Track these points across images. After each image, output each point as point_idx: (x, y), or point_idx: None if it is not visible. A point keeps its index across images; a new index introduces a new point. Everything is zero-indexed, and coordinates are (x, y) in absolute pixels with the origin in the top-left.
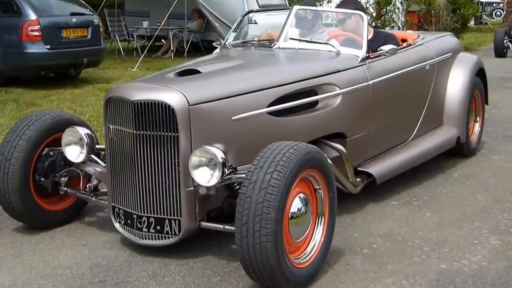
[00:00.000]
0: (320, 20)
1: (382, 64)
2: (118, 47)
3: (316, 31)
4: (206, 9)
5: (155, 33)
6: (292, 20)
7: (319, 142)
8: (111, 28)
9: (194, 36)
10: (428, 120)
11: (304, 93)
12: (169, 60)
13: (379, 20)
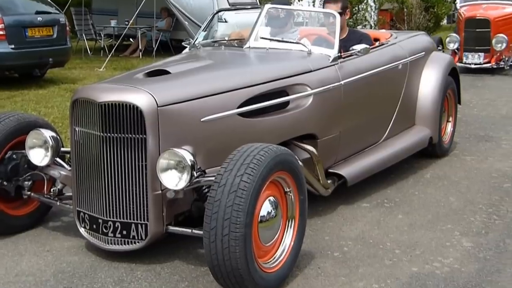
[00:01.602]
0: (292, 19)
1: (354, 64)
2: (85, 46)
3: (288, 30)
4: (175, 7)
5: (123, 32)
6: (263, 19)
7: (290, 143)
8: (78, 27)
9: (163, 35)
10: (401, 120)
11: (275, 93)
12: (137, 60)
13: (351, 18)
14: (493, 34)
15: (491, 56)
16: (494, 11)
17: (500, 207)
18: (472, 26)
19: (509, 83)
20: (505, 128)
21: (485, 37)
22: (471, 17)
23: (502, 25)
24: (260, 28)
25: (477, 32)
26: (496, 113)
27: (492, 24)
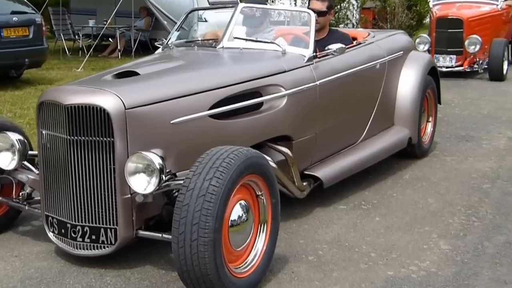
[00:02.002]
0: (268, 19)
1: (330, 64)
2: (63, 46)
3: (264, 29)
4: (154, 6)
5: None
6: (238, 18)
7: (265, 145)
8: (56, 27)
9: (142, 35)
10: (379, 121)
11: (248, 94)
12: (115, 60)
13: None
14: (466, 35)
15: (464, 59)
16: (467, 10)
17: (479, 209)
18: (444, 26)
19: (492, 82)
20: (486, 128)
21: (457, 38)
22: (442, 17)
23: (476, 25)
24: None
25: (449, 33)
26: (478, 112)
27: (465, 25)
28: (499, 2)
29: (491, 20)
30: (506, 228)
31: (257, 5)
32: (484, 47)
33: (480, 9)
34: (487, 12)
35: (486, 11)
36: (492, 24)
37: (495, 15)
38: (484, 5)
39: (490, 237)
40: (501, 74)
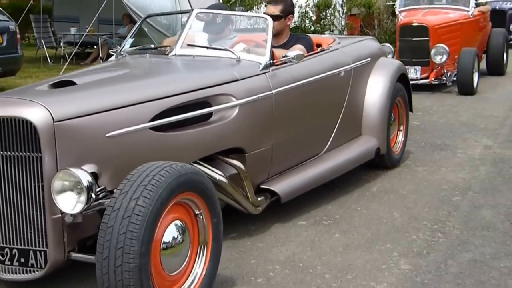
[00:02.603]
0: (230, 25)
1: (288, 72)
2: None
3: (226, 36)
4: (136, 14)
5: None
6: (198, 24)
7: (216, 158)
8: (37, 34)
9: None
10: (344, 131)
11: (195, 105)
12: None
13: (318, 24)
14: (432, 44)
15: (430, 70)
16: (434, 17)
17: (446, 223)
18: (408, 35)
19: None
20: (463, 136)
21: (423, 48)
22: (406, 24)
23: (443, 33)
24: (197, 35)
25: (413, 42)
26: (456, 120)
27: (431, 32)
28: (470, 8)
29: (461, 28)
30: (473, 244)
31: (212, 10)
32: (453, 57)
33: (449, 16)
34: (456, 19)
35: (455, 18)
36: (462, 32)
37: (465, 23)
38: (454, 11)
39: (454, 254)
40: (470, 87)
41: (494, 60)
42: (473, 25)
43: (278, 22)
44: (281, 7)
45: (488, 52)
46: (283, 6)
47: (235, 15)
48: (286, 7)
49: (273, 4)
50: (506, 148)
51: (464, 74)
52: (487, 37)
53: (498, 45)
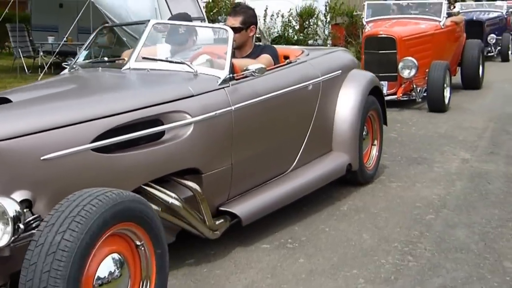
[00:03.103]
0: (194, 36)
1: (250, 86)
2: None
3: (190, 47)
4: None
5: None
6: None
7: (169, 180)
8: (14, 43)
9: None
10: (313, 147)
11: (145, 123)
12: None
13: (302, 33)
14: (399, 57)
15: (399, 85)
16: (402, 28)
17: (417, 245)
18: (374, 47)
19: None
20: (441, 149)
21: (390, 61)
22: (372, 35)
23: (412, 45)
24: (159, 46)
25: (380, 55)
26: (435, 131)
27: (399, 44)
28: (442, 18)
29: (431, 40)
30: (444, 268)
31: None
32: (423, 71)
33: (419, 27)
34: (427, 30)
35: (425, 29)
36: (433, 44)
37: (436, 34)
38: (424, 21)
39: (424, 280)
40: (441, 104)
41: (469, 74)
42: (445, 36)
43: (239, 34)
44: (241, 18)
45: (463, 65)
46: (244, 17)
47: (193, 26)
48: (247, 18)
49: (233, 15)
50: (484, 162)
51: (434, 89)
52: (461, 49)
53: (473, 57)
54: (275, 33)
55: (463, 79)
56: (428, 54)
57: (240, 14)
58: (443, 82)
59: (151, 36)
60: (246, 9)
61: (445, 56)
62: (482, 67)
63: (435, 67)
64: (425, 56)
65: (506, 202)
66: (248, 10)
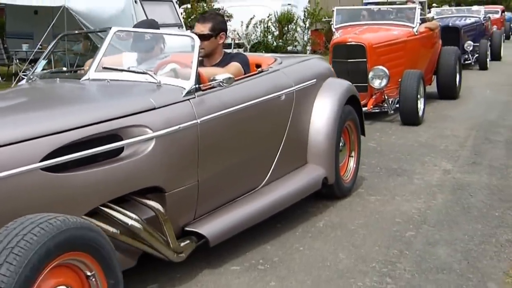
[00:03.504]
0: (161, 43)
1: (218, 97)
2: None
3: (157, 55)
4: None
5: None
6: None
7: (129, 199)
8: None
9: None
10: (287, 160)
11: (102, 139)
12: None
13: (281, 39)
14: (370, 66)
15: (369, 96)
16: (373, 35)
17: (396, 265)
18: (343, 55)
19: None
20: (421, 159)
21: (359, 70)
22: (340, 43)
23: (383, 53)
24: (125, 54)
25: (349, 64)
26: (416, 140)
27: (369, 52)
28: (415, 24)
29: (404, 47)
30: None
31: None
32: (396, 81)
33: (391, 33)
34: (399, 37)
35: (397, 36)
36: (405, 52)
37: (409, 41)
38: (396, 28)
39: None
40: (415, 116)
41: (445, 83)
42: (419, 43)
43: (208, 42)
44: (210, 25)
45: (438, 73)
46: (213, 24)
47: (156, 33)
48: (216, 24)
49: (201, 22)
50: (466, 173)
51: (406, 101)
52: (437, 57)
53: (449, 65)
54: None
55: (439, 89)
56: (401, 63)
57: (209, 21)
58: (416, 93)
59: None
60: (215, 15)
61: (419, 65)
62: (459, 75)
63: (407, 77)
64: (398, 65)
65: (489, 216)
66: (217, 17)
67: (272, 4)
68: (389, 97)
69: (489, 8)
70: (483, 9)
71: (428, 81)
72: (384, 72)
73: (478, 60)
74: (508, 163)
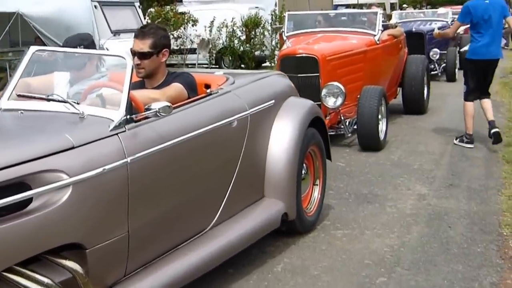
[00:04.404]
0: (95, 60)
1: (154, 129)
2: None
3: (91, 74)
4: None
5: None
6: (25, 67)
7: (42, 259)
8: None
9: None
10: (240, 196)
11: (4, 188)
12: None
13: (248, 44)
14: (323, 82)
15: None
16: (326, 45)
17: None
18: (291, 69)
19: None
20: (394, 181)
21: (311, 87)
22: (288, 55)
23: (339, 66)
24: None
25: (299, 79)
26: (387, 158)
27: (322, 66)
28: (377, 31)
29: (363, 58)
30: None
31: (55, 48)
32: (354, 97)
33: (348, 42)
34: (358, 47)
35: (356, 45)
36: (365, 64)
37: (370, 51)
38: (355, 36)
39: None
40: (375, 141)
41: (411, 96)
42: (382, 53)
43: (148, 61)
44: (150, 41)
45: (404, 86)
46: (154, 40)
47: (75, 53)
48: (158, 40)
49: (140, 38)
50: (443, 198)
51: (365, 123)
52: (402, 67)
53: (416, 76)
54: (220, 44)
55: (404, 103)
56: (360, 76)
57: (149, 36)
58: (376, 114)
59: (41, 65)
60: (156, 29)
61: (382, 78)
62: (427, 88)
63: (366, 95)
64: (356, 79)
65: (470, 253)
66: (159, 31)
67: (239, 8)
68: (346, 117)
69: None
70: (451, 11)
71: (392, 94)
72: (339, 89)
73: (445, 70)
74: (488, 183)
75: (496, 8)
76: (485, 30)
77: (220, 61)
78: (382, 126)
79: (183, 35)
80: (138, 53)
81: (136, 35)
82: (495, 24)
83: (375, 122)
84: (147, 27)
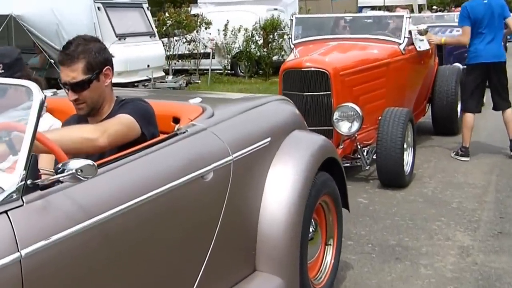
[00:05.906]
0: None
1: (73, 197)
2: None
3: (15, 105)
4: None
5: None
6: None
7: None
8: None
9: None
10: (220, 273)
11: None
12: None
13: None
14: (335, 102)
15: (336, 145)
16: (340, 56)
17: None
18: (296, 86)
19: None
20: (428, 227)
21: (321, 108)
22: (293, 68)
23: (355, 83)
24: None
25: (305, 98)
26: (419, 193)
27: (334, 82)
28: (403, 39)
29: (386, 72)
30: None
31: None
32: (374, 120)
33: (368, 53)
34: (379, 58)
35: (377, 56)
36: (388, 79)
37: (393, 62)
38: (376, 44)
39: None
40: (399, 176)
41: (443, 114)
42: (408, 65)
43: (88, 91)
44: (82, 64)
45: (434, 101)
46: (86, 61)
47: None
48: (92, 59)
49: (67, 64)
50: (492, 253)
51: (386, 155)
52: (432, 80)
53: (448, 91)
54: (235, 48)
55: (435, 121)
56: (381, 94)
57: (78, 58)
58: (401, 144)
59: None
60: (84, 45)
61: (408, 95)
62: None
63: (388, 119)
64: (376, 97)
65: None
66: (89, 45)
67: (257, 9)
68: (363, 145)
69: None
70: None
71: (421, 113)
72: (355, 111)
73: None
74: None
75: (496, 8)
76: (485, 31)
77: (235, 67)
78: (408, 158)
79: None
80: (71, 85)
81: (61, 61)
82: (495, 24)
83: (399, 154)
84: (71, 46)
